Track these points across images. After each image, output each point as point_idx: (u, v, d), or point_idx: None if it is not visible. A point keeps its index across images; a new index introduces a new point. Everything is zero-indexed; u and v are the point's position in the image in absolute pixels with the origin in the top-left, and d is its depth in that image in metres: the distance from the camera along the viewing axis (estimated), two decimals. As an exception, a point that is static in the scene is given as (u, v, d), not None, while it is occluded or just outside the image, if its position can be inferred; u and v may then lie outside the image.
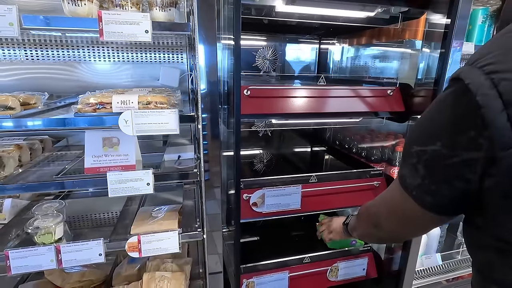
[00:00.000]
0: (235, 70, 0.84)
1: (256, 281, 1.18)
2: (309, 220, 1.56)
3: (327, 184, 1.18)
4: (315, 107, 1.04)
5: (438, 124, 0.47)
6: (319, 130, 1.97)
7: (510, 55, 0.40)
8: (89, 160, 1.11)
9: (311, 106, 1.04)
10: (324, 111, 1.06)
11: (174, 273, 1.30)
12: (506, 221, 0.43)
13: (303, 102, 1.04)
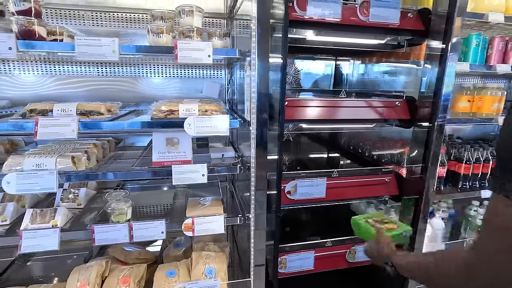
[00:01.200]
0: (281, 84, 1.12)
1: (287, 258, 1.42)
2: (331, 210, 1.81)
3: (346, 178, 1.43)
4: (338, 115, 1.31)
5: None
6: (334, 136, 2.23)
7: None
8: (156, 155, 1.39)
9: (335, 114, 1.31)
10: (345, 118, 1.33)
11: (217, 253, 1.55)
12: None
13: (328, 110, 1.31)
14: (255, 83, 1.12)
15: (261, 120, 1.13)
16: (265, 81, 1.10)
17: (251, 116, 1.19)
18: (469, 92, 1.85)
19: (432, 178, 1.38)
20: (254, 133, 1.17)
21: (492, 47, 1.77)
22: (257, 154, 1.17)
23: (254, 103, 1.13)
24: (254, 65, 1.10)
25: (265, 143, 1.16)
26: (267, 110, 1.12)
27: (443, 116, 1.31)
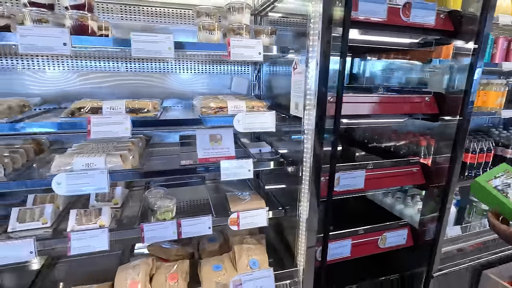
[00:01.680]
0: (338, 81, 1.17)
1: (330, 246, 1.49)
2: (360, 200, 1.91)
3: (380, 170, 1.53)
4: (378, 110, 1.39)
5: None
6: (350, 131, 2.32)
7: None
8: (201, 152, 1.39)
9: (375, 109, 1.39)
10: (382, 113, 1.41)
11: (256, 245, 1.59)
12: None
13: (372, 106, 1.38)
14: (312, 81, 1.16)
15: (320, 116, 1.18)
16: (324, 78, 1.14)
17: (304, 112, 1.23)
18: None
19: (458, 167, 1.51)
20: (309, 128, 1.21)
21: (497, 46, 1.93)
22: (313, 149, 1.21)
23: (313, 100, 1.17)
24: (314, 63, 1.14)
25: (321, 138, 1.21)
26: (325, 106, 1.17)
27: (470, 110, 1.43)
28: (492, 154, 2.15)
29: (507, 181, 1.03)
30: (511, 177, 1.05)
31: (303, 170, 1.28)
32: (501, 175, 1.06)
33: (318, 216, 1.34)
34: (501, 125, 2.77)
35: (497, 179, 1.04)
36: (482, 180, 1.05)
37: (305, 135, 1.25)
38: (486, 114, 2.00)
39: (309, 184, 1.26)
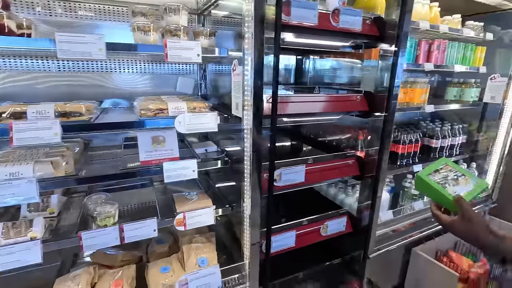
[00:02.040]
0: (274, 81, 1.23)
1: (273, 239, 1.57)
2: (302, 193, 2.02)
3: (319, 163, 1.64)
4: (314, 109, 1.49)
5: None
6: (297, 127, 2.44)
7: None
8: (142, 154, 1.37)
9: (311, 108, 1.48)
10: (321, 111, 1.51)
11: (205, 244, 1.62)
12: None
13: (306, 105, 1.47)
14: (248, 81, 1.21)
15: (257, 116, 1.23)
16: (259, 79, 1.19)
17: (243, 112, 1.28)
18: (404, 86, 2.23)
19: (386, 159, 1.68)
20: (247, 127, 1.26)
21: (420, 49, 2.16)
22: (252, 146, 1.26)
23: (250, 100, 1.22)
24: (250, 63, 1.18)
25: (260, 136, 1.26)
26: (262, 106, 1.23)
27: (394, 107, 1.60)
28: (419, 145, 2.42)
29: (445, 173, 1.10)
30: (449, 169, 1.12)
31: (244, 167, 1.33)
32: (440, 168, 1.13)
33: (261, 211, 1.40)
34: (428, 118, 3.12)
35: (437, 173, 1.11)
36: (423, 175, 1.10)
37: (245, 134, 1.29)
38: (413, 109, 2.24)
39: (250, 181, 1.31)
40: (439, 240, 2.32)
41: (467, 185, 1.05)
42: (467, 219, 0.90)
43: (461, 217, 0.92)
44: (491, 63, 2.61)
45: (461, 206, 0.93)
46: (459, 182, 1.05)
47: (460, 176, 1.08)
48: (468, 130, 2.94)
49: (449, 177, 1.08)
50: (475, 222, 0.89)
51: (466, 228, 0.90)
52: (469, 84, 2.54)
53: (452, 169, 1.12)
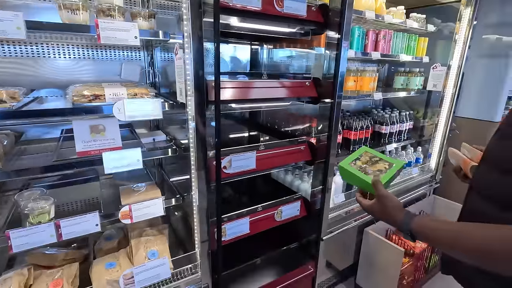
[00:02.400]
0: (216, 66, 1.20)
1: (227, 226, 1.57)
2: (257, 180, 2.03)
3: (271, 150, 1.65)
4: (262, 94, 1.49)
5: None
6: (255, 116, 2.44)
7: None
8: (79, 145, 1.28)
9: (260, 93, 1.48)
10: (267, 97, 1.51)
11: (156, 236, 1.57)
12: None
13: (254, 91, 1.46)
14: (190, 66, 1.17)
15: (199, 102, 1.20)
16: (199, 63, 1.16)
17: (187, 98, 1.24)
18: (354, 74, 2.32)
19: (335, 143, 1.74)
20: (191, 114, 1.23)
21: (368, 38, 2.25)
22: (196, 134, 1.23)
23: (191, 86, 1.18)
24: (189, 48, 1.14)
25: (204, 122, 1.24)
26: (204, 92, 1.20)
27: (340, 93, 1.65)
28: (370, 131, 2.55)
29: (365, 160, 1.15)
30: (368, 156, 1.17)
31: (190, 155, 1.30)
32: (360, 156, 1.17)
33: (212, 199, 1.38)
34: (380, 107, 3.29)
35: (357, 161, 1.15)
36: (345, 164, 1.13)
37: (189, 121, 1.26)
38: (363, 97, 2.34)
39: (196, 169, 1.28)
40: (389, 219, 2.48)
41: (385, 168, 1.08)
42: (382, 200, 0.95)
43: (377, 199, 0.97)
44: (432, 53, 2.81)
45: (377, 188, 0.98)
46: (378, 166, 1.10)
47: (379, 161, 1.13)
48: (416, 117, 3.16)
49: (369, 163, 1.13)
50: (389, 202, 0.94)
51: (382, 208, 0.95)
52: (414, 73, 2.71)
53: (371, 156, 1.17)
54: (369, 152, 1.21)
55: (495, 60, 3.25)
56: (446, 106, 2.84)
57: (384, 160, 1.13)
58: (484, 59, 3.33)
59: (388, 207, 0.94)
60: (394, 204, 0.94)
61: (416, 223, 0.86)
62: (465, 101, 3.30)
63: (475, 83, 3.31)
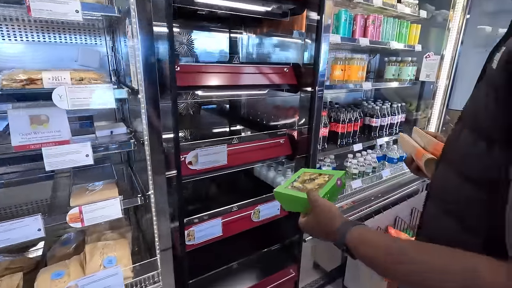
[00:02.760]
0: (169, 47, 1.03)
1: (196, 229, 1.41)
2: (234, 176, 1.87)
3: (246, 143, 1.49)
4: (232, 80, 1.32)
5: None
6: (235, 108, 2.27)
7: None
8: (16, 138, 1.10)
9: (229, 79, 1.31)
10: (239, 83, 1.35)
11: (116, 241, 1.40)
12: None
13: (223, 76, 1.30)
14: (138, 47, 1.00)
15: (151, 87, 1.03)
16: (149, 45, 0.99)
17: (139, 83, 1.07)
18: (341, 62, 2.16)
19: (317, 136, 1.58)
20: (143, 101, 1.06)
21: (356, 23, 2.09)
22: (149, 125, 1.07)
23: (141, 70, 1.01)
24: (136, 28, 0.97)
25: (158, 111, 1.07)
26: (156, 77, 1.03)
27: (322, 80, 1.49)
28: (359, 124, 2.40)
29: (304, 179, 1.00)
30: (308, 175, 1.01)
31: (145, 149, 1.13)
32: (298, 177, 1.03)
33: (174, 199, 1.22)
34: (371, 98, 3.14)
35: (295, 182, 1.00)
36: (281, 188, 0.97)
37: (141, 109, 1.09)
38: (350, 87, 2.18)
39: (150, 165, 1.12)
40: (379, 218, 2.34)
41: (325, 181, 0.93)
42: (316, 210, 0.77)
43: (311, 211, 0.79)
44: (425, 41, 2.66)
45: (311, 199, 0.79)
46: (317, 181, 0.93)
47: (318, 177, 0.97)
48: (409, 109, 3.01)
49: (307, 181, 0.97)
50: (324, 212, 0.75)
51: (316, 220, 0.77)
52: (406, 62, 2.56)
53: (310, 174, 1.02)
54: (308, 171, 1.06)
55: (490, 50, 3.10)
56: (439, 98, 2.70)
57: (324, 174, 0.98)
58: (479, 48, 3.18)
59: (322, 217, 0.75)
60: (331, 213, 0.74)
61: (352, 234, 0.67)
62: (458, 94, 3.16)
63: (469, 75, 3.16)
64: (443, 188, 0.68)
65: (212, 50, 2.08)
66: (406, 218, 2.76)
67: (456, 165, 0.63)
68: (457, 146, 0.66)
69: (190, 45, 1.93)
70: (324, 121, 2.12)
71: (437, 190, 0.71)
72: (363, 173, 2.39)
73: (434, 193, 0.72)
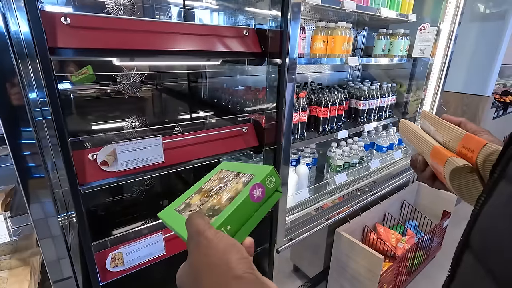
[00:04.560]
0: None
1: (124, 251, 1.04)
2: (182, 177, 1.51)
3: (194, 134, 1.12)
4: (163, 44, 0.93)
5: None
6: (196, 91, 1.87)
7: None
8: None
9: (159, 42, 0.92)
10: (175, 48, 0.95)
11: (13, 270, 1.02)
12: None
13: (149, 37, 0.90)
14: None
15: None
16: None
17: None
18: (323, 32, 1.78)
19: (290, 122, 1.22)
20: (23, 81, 0.66)
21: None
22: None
23: None
24: None
25: (14, 89, 0.67)
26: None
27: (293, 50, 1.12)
28: (344, 107, 2.05)
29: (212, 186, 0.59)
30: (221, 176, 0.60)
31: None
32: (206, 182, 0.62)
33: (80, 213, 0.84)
34: (358, 79, 2.80)
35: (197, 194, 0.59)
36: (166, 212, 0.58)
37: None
38: (334, 62, 1.82)
39: (16, 171, 0.73)
40: (366, 215, 2.04)
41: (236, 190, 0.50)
42: (202, 251, 0.38)
43: (191, 251, 0.40)
44: (420, 11, 2.30)
45: (192, 229, 0.41)
46: (231, 189, 0.51)
47: (236, 177, 0.55)
48: (399, 91, 2.69)
49: (214, 192, 0.55)
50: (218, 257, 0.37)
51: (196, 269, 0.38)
52: (397, 35, 2.20)
53: (225, 176, 0.59)
54: (226, 169, 0.63)
55: (489, 23, 2.79)
56: (434, 78, 2.38)
57: (244, 173, 0.55)
58: (476, 22, 2.86)
59: (205, 269, 0.37)
60: (226, 265, 0.36)
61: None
62: (453, 73, 2.85)
63: (465, 52, 2.86)
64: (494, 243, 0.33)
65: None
66: (395, 213, 2.48)
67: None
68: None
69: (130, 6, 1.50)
70: (302, 104, 1.76)
71: (490, 248, 0.35)
72: (349, 165, 2.07)
73: (483, 251, 0.36)
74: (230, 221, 0.44)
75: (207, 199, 0.54)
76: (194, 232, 0.40)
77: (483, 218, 0.36)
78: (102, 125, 1.45)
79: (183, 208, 0.55)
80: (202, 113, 1.82)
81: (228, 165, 0.64)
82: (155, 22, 0.93)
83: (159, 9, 1.66)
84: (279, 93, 1.16)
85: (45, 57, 0.67)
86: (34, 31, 0.65)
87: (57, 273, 0.84)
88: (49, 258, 0.82)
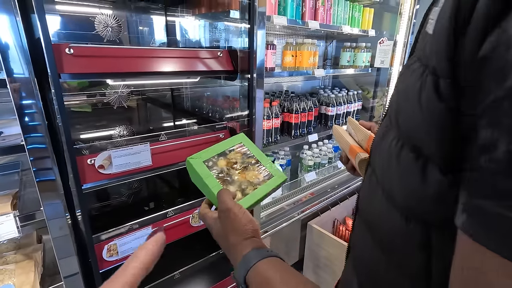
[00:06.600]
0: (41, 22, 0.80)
1: (118, 242, 1.21)
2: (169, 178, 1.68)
3: (177, 140, 1.30)
4: (153, 66, 1.11)
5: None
6: (179, 101, 2.05)
7: None
8: None
9: (149, 65, 1.11)
10: (161, 70, 1.14)
11: (19, 263, 1.17)
12: None
13: (140, 61, 1.09)
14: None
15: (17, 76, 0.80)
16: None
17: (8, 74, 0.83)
18: (292, 48, 2.02)
19: (260, 129, 1.43)
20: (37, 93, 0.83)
21: (305, 5, 1.94)
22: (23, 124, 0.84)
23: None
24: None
25: (33, 106, 0.84)
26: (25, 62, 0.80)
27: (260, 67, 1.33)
28: (314, 113, 2.29)
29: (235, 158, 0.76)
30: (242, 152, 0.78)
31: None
32: (231, 149, 0.78)
33: (72, 211, 1.01)
34: (329, 86, 3.06)
35: (223, 157, 0.77)
36: (197, 161, 0.74)
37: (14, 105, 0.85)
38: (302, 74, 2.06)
39: (33, 173, 0.89)
40: (336, 209, 2.27)
41: (258, 180, 0.72)
42: (228, 222, 0.61)
43: (220, 217, 0.63)
44: (379, 26, 2.59)
45: (221, 200, 0.63)
46: (249, 175, 0.72)
47: (254, 165, 0.75)
48: (366, 97, 2.97)
49: (238, 166, 0.74)
50: (235, 222, 0.59)
51: (222, 230, 0.62)
52: (360, 48, 2.48)
53: (245, 153, 0.78)
54: (246, 145, 0.82)
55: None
56: (394, 85, 2.66)
57: (262, 165, 0.76)
58: (432, 34, 3.19)
59: (231, 233, 0.59)
60: (244, 227, 0.58)
61: (256, 270, 0.53)
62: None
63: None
64: (370, 208, 0.47)
65: (150, 36, 1.83)
66: (364, 207, 2.74)
67: (381, 179, 0.42)
68: (381, 151, 0.43)
69: (117, 28, 1.67)
70: (275, 111, 1.98)
71: (364, 208, 0.50)
72: (319, 165, 2.30)
73: (362, 210, 0.51)
74: (252, 206, 0.70)
75: (232, 170, 0.75)
76: (225, 208, 0.62)
77: (362, 188, 0.58)
78: (92, 133, 1.61)
79: (211, 165, 0.75)
80: (185, 121, 2.00)
81: (247, 141, 0.85)
82: (142, 49, 1.12)
83: (143, 24, 1.84)
84: (250, 103, 1.37)
85: (56, 81, 0.85)
86: (48, 61, 0.83)
87: (68, 267, 1.00)
88: (60, 254, 0.98)
